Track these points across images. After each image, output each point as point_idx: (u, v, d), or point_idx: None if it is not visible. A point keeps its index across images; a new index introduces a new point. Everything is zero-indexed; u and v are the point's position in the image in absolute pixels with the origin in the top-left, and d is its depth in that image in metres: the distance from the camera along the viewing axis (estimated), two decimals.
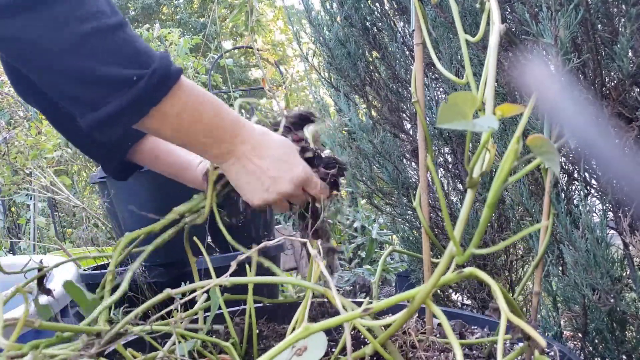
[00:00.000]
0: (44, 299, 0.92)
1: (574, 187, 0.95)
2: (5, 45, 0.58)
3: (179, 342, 0.66)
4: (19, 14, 0.55)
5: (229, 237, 0.78)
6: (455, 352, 0.41)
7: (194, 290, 0.61)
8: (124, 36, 0.60)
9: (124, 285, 0.65)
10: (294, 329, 0.78)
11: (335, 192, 0.79)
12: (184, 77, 0.65)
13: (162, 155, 0.88)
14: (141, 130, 0.67)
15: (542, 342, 0.38)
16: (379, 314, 0.94)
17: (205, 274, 1.29)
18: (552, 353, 0.70)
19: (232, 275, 0.59)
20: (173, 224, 0.77)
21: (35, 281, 0.71)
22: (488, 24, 0.59)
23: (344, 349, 0.73)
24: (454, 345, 0.42)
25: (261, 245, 0.65)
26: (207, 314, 0.81)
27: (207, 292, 0.67)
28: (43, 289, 0.72)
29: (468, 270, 0.47)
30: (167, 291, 0.63)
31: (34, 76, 0.61)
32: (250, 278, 0.64)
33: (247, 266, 0.75)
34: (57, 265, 0.74)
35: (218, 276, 0.61)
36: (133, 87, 0.59)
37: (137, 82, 0.60)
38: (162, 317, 0.64)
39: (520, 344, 0.80)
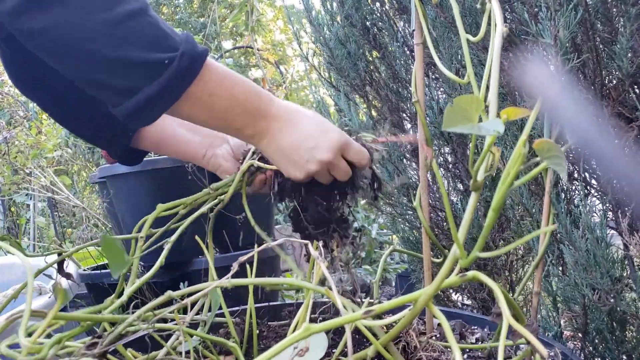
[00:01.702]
0: (41, 301, 0.92)
1: (574, 187, 0.95)
2: (38, 38, 0.57)
3: (183, 341, 0.66)
4: (50, 5, 0.55)
5: (257, 229, 0.79)
6: (455, 355, 0.41)
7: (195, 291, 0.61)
8: (149, 19, 0.60)
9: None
10: (295, 329, 0.78)
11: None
12: (210, 57, 0.65)
13: (165, 141, 0.87)
14: (174, 116, 0.66)
15: (544, 352, 0.38)
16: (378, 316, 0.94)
17: (204, 274, 1.29)
18: (552, 353, 0.70)
19: (232, 276, 0.59)
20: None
21: (56, 266, 0.72)
22: (489, 24, 0.59)
23: (344, 349, 0.73)
24: (453, 348, 0.42)
25: (263, 246, 0.65)
26: (208, 313, 0.81)
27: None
28: (63, 272, 0.74)
29: (471, 273, 0.47)
30: (169, 293, 0.64)
31: (67, 69, 0.61)
32: (251, 280, 0.64)
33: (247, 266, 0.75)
34: (60, 261, 0.74)
35: (219, 276, 0.61)
36: (165, 71, 0.59)
37: (168, 65, 0.59)
38: (164, 319, 0.64)
39: (523, 346, 0.80)
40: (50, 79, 0.78)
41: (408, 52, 1.33)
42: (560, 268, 0.99)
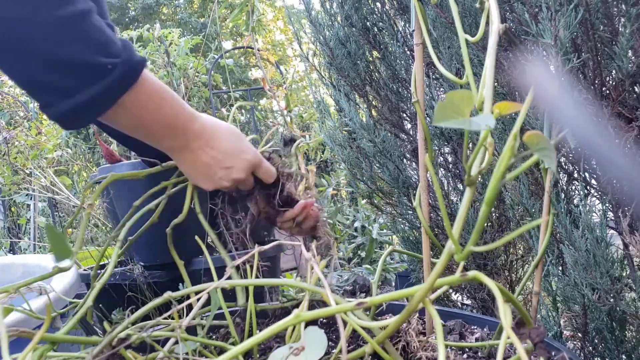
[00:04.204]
0: (41, 301, 0.92)
1: (573, 187, 0.95)
2: None
3: (178, 343, 0.66)
4: None
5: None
6: (439, 352, 0.41)
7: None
8: (95, 22, 0.59)
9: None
10: (293, 328, 0.78)
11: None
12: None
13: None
14: (99, 119, 0.66)
15: None
16: (379, 315, 0.94)
17: (204, 273, 1.29)
18: (553, 353, 0.70)
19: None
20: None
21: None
22: (488, 24, 0.59)
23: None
24: (439, 347, 0.42)
25: (264, 247, 0.65)
26: (207, 313, 0.81)
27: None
28: None
29: (472, 273, 0.47)
30: (168, 294, 0.64)
31: (3, 65, 0.59)
32: (250, 280, 0.65)
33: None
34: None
35: (219, 276, 0.61)
36: (108, 75, 0.59)
37: (111, 70, 0.60)
38: (164, 318, 0.64)
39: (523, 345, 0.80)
40: None
41: (408, 52, 1.33)
42: (560, 268, 0.99)
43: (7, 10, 0.54)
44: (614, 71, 0.81)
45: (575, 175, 0.95)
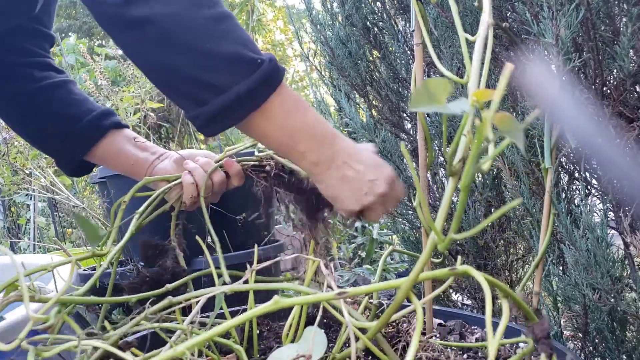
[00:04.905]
0: (35, 307, 0.92)
1: (574, 187, 0.95)
2: (141, 28, 0.58)
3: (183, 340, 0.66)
4: None
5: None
6: (412, 343, 0.40)
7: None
8: (238, 22, 0.63)
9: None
10: (290, 327, 0.78)
11: None
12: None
13: (113, 155, 0.88)
14: (245, 130, 0.66)
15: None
16: (380, 315, 0.94)
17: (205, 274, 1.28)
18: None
19: (233, 274, 0.59)
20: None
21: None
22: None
23: (342, 348, 0.73)
24: (413, 339, 0.42)
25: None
26: (208, 313, 0.81)
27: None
28: None
29: (462, 268, 0.46)
30: (169, 299, 0.64)
31: (159, 64, 0.61)
32: (250, 285, 0.64)
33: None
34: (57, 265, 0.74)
35: (219, 275, 0.61)
36: (258, 69, 0.60)
37: (261, 65, 0.61)
38: (166, 320, 0.64)
39: (522, 345, 0.80)
40: (5, 84, 0.80)
41: (409, 52, 1.33)
42: (561, 268, 0.99)
43: (165, 7, 0.57)
44: (615, 71, 0.81)
45: (576, 175, 0.95)
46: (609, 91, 0.82)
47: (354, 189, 0.69)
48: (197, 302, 0.61)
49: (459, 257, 0.74)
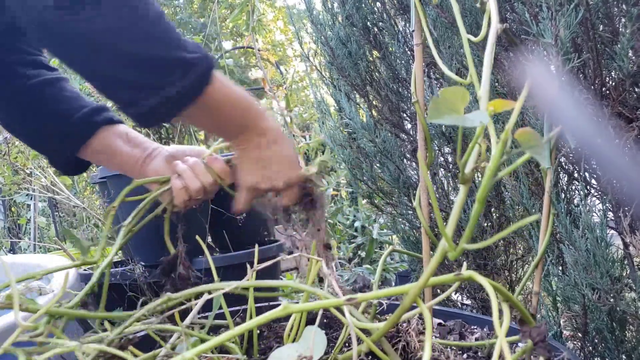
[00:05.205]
0: (41, 302, 0.92)
1: (574, 187, 0.95)
2: (74, 31, 0.58)
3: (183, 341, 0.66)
4: (83, 9, 0.56)
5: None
6: (425, 346, 0.41)
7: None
8: (171, 22, 0.63)
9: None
10: (291, 328, 0.78)
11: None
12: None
13: (104, 152, 0.87)
14: (179, 117, 0.68)
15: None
16: (380, 314, 0.94)
17: (205, 274, 1.29)
18: (552, 353, 0.70)
19: (232, 274, 0.59)
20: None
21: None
22: (490, 24, 0.58)
23: (342, 348, 0.73)
24: (426, 343, 0.42)
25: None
26: (207, 313, 0.81)
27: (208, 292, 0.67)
28: None
29: (467, 273, 0.47)
30: (168, 295, 0.64)
31: (91, 65, 0.61)
32: (251, 282, 0.64)
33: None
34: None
35: (219, 275, 0.61)
36: (193, 68, 0.63)
37: (197, 63, 0.63)
38: (166, 317, 0.64)
39: (521, 344, 0.80)
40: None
41: (409, 52, 1.33)
42: (560, 268, 0.99)
43: (100, 10, 0.57)
44: (614, 71, 0.81)
45: (576, 175, 0.95)
46: (608, 91, 0.83)
47: (258, 168, 0.77)
48: (196, 303, 0.61)
49: (464, 264, 0.74)
